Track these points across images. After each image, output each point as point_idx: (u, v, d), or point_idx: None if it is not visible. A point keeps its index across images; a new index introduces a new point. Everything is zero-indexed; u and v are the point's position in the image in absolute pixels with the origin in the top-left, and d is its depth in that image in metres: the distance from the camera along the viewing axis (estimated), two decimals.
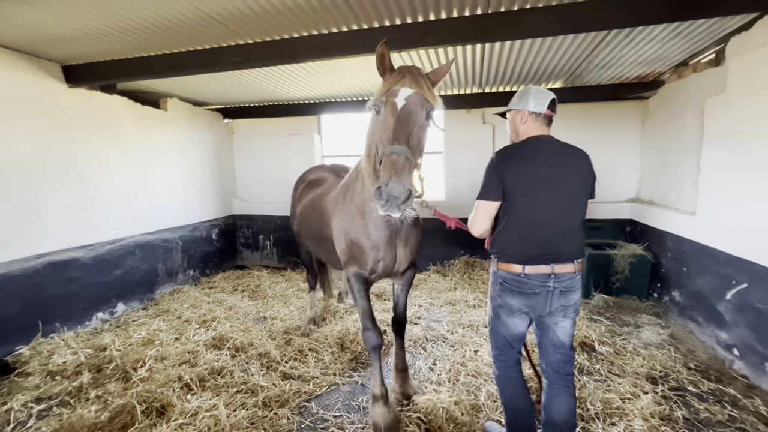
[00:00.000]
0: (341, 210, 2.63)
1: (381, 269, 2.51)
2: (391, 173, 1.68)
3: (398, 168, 1.70)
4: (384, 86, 1.91)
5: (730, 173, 3.27)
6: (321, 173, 3.77)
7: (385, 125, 1.83)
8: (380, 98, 1.89)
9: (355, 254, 2.50)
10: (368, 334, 2.50)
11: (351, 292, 2.65)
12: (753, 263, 2.98)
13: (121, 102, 4.63)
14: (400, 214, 1.73)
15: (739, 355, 3.11)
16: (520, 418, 2.09)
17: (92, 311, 4.22)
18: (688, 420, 2.52)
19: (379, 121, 1.88)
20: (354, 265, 2.53)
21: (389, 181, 1.66)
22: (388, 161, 1.72)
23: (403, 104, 1.84)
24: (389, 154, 1.73)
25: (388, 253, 2.45)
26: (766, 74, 2.89)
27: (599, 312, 4.28)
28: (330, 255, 2.96)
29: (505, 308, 1.99)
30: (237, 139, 6.95)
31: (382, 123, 1.86)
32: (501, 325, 2.05)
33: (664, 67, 4.45)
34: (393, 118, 1.82)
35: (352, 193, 2.55)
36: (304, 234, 3.51)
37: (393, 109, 1.84)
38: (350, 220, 2.51)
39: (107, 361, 3.29)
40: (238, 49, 3.49)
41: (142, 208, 4.90)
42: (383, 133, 1.84)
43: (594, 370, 3.11)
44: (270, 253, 6.87)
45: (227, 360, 3.24)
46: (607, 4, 2.72)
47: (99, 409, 2.58)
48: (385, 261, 2.47)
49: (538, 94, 1.97)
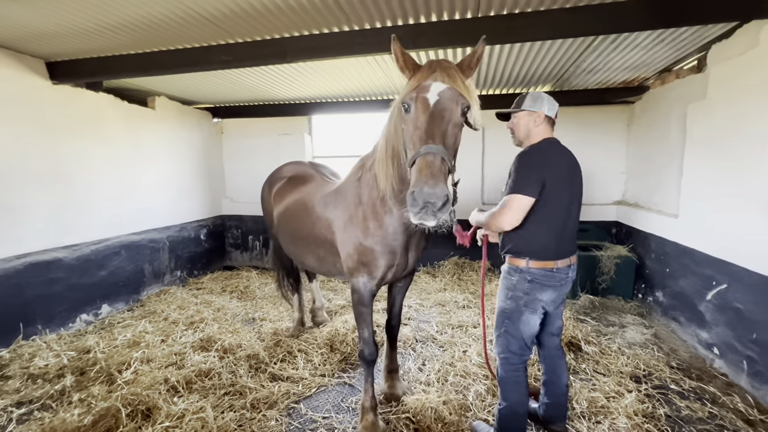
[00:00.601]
0: (347, 211, 2.42)
1: (392, 276, 2.39)
2: (427, 176, 1.49)
3: (435, 171, 1.51)
4: (413, 81, 1.75)
5: (711, 177, 3.36)
6: (301, 169, 3.47)
7: (417, 123, 1.67)
8: (410, 94, 1.72)
9: (365, 260, 2.31)
10: (368, 349, 2.43)
11: (354, 304, 2.42)
12: (732, 264, 3.07)
13: (107, 100, 4.55)
14: (435, 222, 1.54)
15: (719, 354, 3.20)
16: (517, 418, 2.16)
17: (76, 313, 4.13)
18: (669, 417, 2.58)
19: (409, 120, 1.72)
20: (363, 273, 2.33)
21: (425, 186, 1.47)
22: (424, 162, 1.54)
23: (435, 100, 1.68)
24: (423, 153, 1.56)
25: (402, 258, 2.34)
26: (745, 81, 2.98)
27: (585, 312, 4.35)
28: (322, 262, 2.75)
29: (531, 305, 2.06)
30: (226, 139, 6.89)
31: (413, 121, 1.69)
32: (523, 325, 2.08)
33: (649, 72, 4.56)
34: (425, 115, 1.66)
35: (359, 193, 2.37)
36: (287, 237, 3.08)
37: (425, 106, 1.68)
38: (361, 223, 2.31)
39: (91, 363, 3.22)
40: (228, 49, 3.47)
41: (129, 208, 4.82)
42: (414, 131, 1.68)
43: (580, 369, 3.16)
44: (259, 254, 6.82)
45: (215, 362, 3.21)
46: (594, 11, 2.79)
47: (82, 413, 2.52)
48: (398, 267, 2.36)
49: (550, 100, 2.13)
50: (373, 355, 2.45)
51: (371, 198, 2.29)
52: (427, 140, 1.60)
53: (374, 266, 2.31)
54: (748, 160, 2.93)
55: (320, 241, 2.64)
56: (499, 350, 2.18)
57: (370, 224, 2.28)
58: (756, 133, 2.86)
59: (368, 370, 2.48)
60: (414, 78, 1.77)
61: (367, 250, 2.29)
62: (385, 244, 2.27)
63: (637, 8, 2.71)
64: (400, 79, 4.80)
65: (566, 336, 3.59)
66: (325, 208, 2.61)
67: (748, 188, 2.92)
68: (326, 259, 2.67)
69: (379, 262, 2.30)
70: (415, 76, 1.77)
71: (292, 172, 3.47)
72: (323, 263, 2.75)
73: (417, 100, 1.71)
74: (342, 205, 2.47)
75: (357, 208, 2.36)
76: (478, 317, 4.20)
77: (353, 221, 2.36)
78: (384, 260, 2.29)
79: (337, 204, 2.52)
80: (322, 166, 3.56)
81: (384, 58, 4.01)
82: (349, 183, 2.52)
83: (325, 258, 2.68)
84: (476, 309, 4.46)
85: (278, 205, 3.25)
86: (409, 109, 1.73)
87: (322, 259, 2.73)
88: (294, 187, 3.18)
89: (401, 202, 2.09)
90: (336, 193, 2.59)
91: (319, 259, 2.76)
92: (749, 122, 2.93)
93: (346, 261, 2.42)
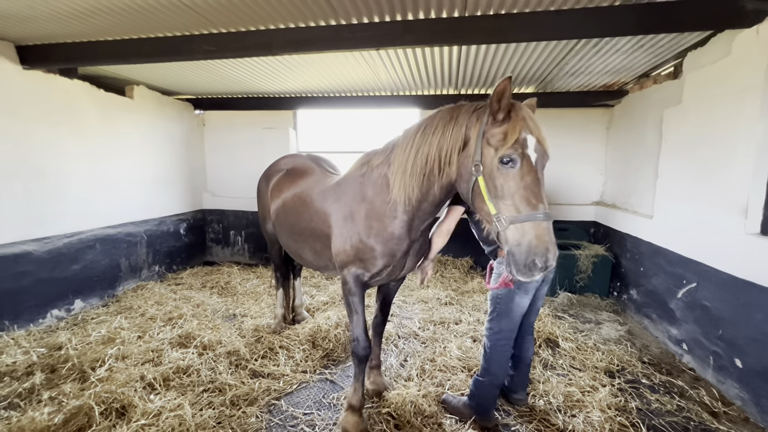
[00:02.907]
0: (347, 206, 2.38)
1: (386, 275, 2.39)
2: (548, 243, 1.60)
3: (553, 239, 1.63)
4: (513, 131, 1.66)
5: (684, 179, 3.49)
6: (300, 161, 3.40)
7: (524, 182, 1.66)
8: (514, 147, 1.66)
9: (363, 257, 2.30)
10: (361, 344, 2.39)
11: (345, 297, 2.42)
12: (701, 263, 3.21)
13: (82, 87, 4.37)
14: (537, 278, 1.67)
15: (688, 350, 3.34)
16: (493, 389, 2.44)
17: (46, 308, 3.97)
18: (640, 410, 2.69)
19: (513, 175, 1.68)
20: (356, 266, 2.33)
21: (549, 254, 1.59)
22: (542, 229, 1.61)
23: (536, 158, 1.68)
24: (542, 219, 1.62)
25: (399, 261, 2.34)
26: (717, 89, 3.11)
27: (563, 309, 4.47)
28: (318, 256, 2.71)
29: (523, 288, 2.28)
30: (209, 132, 6.73)
31: (519, 178, 1.67)
32: (515, 306, 2.32)
33: (628, 77, 4.69)
34: (531, 175, 1.66)
35: (362, 190, 2.33)
36: (284, 231, 3.04)
37: (530, 165, 1.67)
38: (363, 221, 2.28)
39: (63, 360, 3.11)
40: (211, 38, 3.38)
41: (104, 201, 4.66)
42: (522, 190, 1.66)
43: (557, 365, 3.24)
44: (241, 249, 6.71)
45: (194, 358, 3.15)
46: (578, 15, 2.84)
47: (52, 412, 2.43)
48: (394, 269, 2.36)
49: None
50: (366, 350, 2.41)
51: (378, 198, 2.24)
52: (538, 204, 1.64)
53: (371, 264, 2.30)
54: (718, 164, 3.06)
55: (317, 234, 2.60)
56: (492, 329, 2.40)
57: (374, 224, 2.25)
58: (725, 139, 2.99)
59: (360, 366, 2.44)
60: (511, 125, 1.68)
61: (367, 248, 2.26)
62: (387, 246, 2.25)
63: (619, 14, 2.79)
64: (386, 76, 4.79)
65: (544, 333, 3.69)
66: (324, 201, 2.57)
67: (718, 191, 3.05)
68: (323, 253, 2.63)
69: (377, 262, 2.28)
70: (512, 124, 1.67)
71: (291, 164, 3.39)
72: (320, 257, 2.72)
73: (523, 156, 1.66)
74: (342, 199, 2.43)
75: (359, 204, 2.32)
76: (459, 314, 4.25)
77: (354, 217, 2.32)
78: (382, 260, 2.28)
79: (337, 198, 2.47)
80: (321, 159, 3.47)
81: (371, 54, 3.99)
82: (351, 178, 2.47)
83: (322, 252, 2.65)
84: (458, 306, 4.52)
85: (276, 199, 3.18)
86: (513, 164, 1.67)
87: (318, 254, 2.69)
88: (292, 181, 3.12)
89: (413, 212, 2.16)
90: (337, 187, 2.54)
91: (315, 253, 2.73)
92: (720, 128, 3.06)
93: (339, 254, 2.39)
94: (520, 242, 1.64)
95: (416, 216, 2.18)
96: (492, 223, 1.74)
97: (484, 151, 1.76)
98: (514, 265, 1.67)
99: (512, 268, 1.68)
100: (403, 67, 4.46)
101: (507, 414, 2.64)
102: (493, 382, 2.42)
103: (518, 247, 1.65)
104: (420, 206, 2.13)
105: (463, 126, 1.85)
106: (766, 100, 2.65)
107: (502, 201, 1.70)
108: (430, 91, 5.65)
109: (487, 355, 2.43)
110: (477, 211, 1.88)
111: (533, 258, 1.61)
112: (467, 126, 1.84)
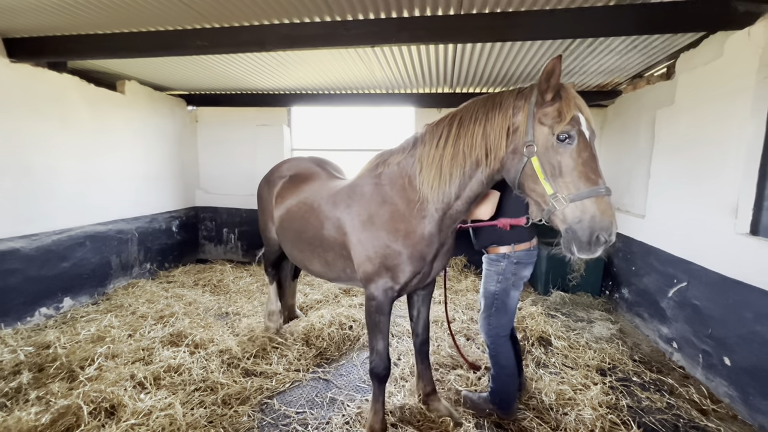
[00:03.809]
0: (365, 210, 2.21)
1: (416, 283, 2.24)
2: (611, 217, 1.60)
3: (615, 214, 1.63)
4: (568, 108, 1.66)
5: (675, 179, 3.52)
6: (304, 165, 3.21)
7: (582, 158, 1.66)
8: (571, 124, 1.66)
9: (390, 264, 2.11)
10: (383, 363, 2.25)
11: (371, 315, 2.21)
12: (691, 263, 3.24)
13: (71, 82, 4.29)
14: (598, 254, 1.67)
15: (678, 348, 3.38)
16: (511, 381, 2.49)
17: (34, 306, 3.91)
18: (631, 408, 2.71)
19: (570, 151, 1.67)
20: (385, 277, 2.14)
21: (612, 228, 1.59)
22: (605, 204, 1.61)
23: (589, 134, 1.68)
24: (605, 194, 1.62)
25: (429, 264, 2.20)
26: (708, 90, 3.13)
27: (556, 308, 4.50)
28: (330, 267, 2.52)
29: (517, 283, 2.40)
30: (201, 128, 6.66)
31: (577, 154, 1.66)
32: (511, 301, 2.43)
33: (622, 77, 4.72)
34: (588, 152, 1.66)
35: (381, 191, 2.19)
36: (290, 240, 2.82)
37: (585, 141, 1.67)
38: (387, 224, 2.12)
39: (51, 359, 3.06)
40: (203, 33, 3.34)
41: (94, 197, 4.59)
42: (581, 166, 1.65)
43: (550, 363, 3.26)
44: (234, 247, 6.66)
45: (185, 357, 3.12)
46: (573, 14, 2.85)
47: (40, 411, 2.39)
48: (424, 274, 2.22)
49: None
50: (387, 370, 2.27)
51: (402, 198, 2.12)
52: (598, 179, 1.64)
53: (399, 271, 2.12)
54: (709, 165, 3.09)
55: (328, 243, 2.42)
56: (490, 327, 2.46)
57: (401, 226, 2.10)
58: (716, 140, 3.02)
59: (380, 387, 2.29)
60: (564, 103, 1.68)
61: (394, 253, 2.10)
62: (416, 249, 2.10)
63: (613, 14, 2.80)
64: (381, 74, 4.77)
65: (537, 331, 3.71)
66: (335, 207, 2.39)
67: (709, 192, 3.08)
68: (335, 263, 2.45)
69: (405, 268, 2.11)
70: (565, 102, 1.68)
71: (294, 169, 3.20)
72: (331, 268, 2.51)
73: (579, 133, 1.67)
74: (358, 203, 2.26)
75: (380, 206, 2.16)
76: (453, 312, 4.26)
77: (375, 221, 2.15)
78: (411, 266, 2.12)
79: (352, 202, 2.30)
80: (326, 162, 3.33)
81: (366, 51, 3.97)
82: (366, 179, 2.31)
83: (333, 262, 2.46)
84: (452, 305, 4.53)
85: (279, 207, 2.99)
86: (570, 141, 1.66)
87: (330, 264, 2.49)
88: (297, 186, 2.93)
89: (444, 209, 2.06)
90: (349, 191, 2.37)
91: (326, 264, 2.52)
92: (711, 129, 3.08)
93: (363, 265, 2.20)
94: (581, 219, 1.63)
95: (448, 214, 2.09)
96: (547, 203, 1.71)
97: (536, 131, 1.73)
98: (576, 242, 1.66)
99: (573, 246, 1.67)
100: (398, 65, 4.44)
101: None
102: (507, 374, 2.48)
103: (579, 223, 1.63)
104: (454, 203, 2.05)
105: (508, 110, 1.80)
106: (756, 101, 2.68)
107: (561, 179, 1.68)
108: (426, 90, 5.64)
109: (493, 351, 2.50)
110: (527, 192, 1.84)
111: (597, 233, 1.61)
112: (514, 109, 1.80)
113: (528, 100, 1.76)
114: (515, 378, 2.52)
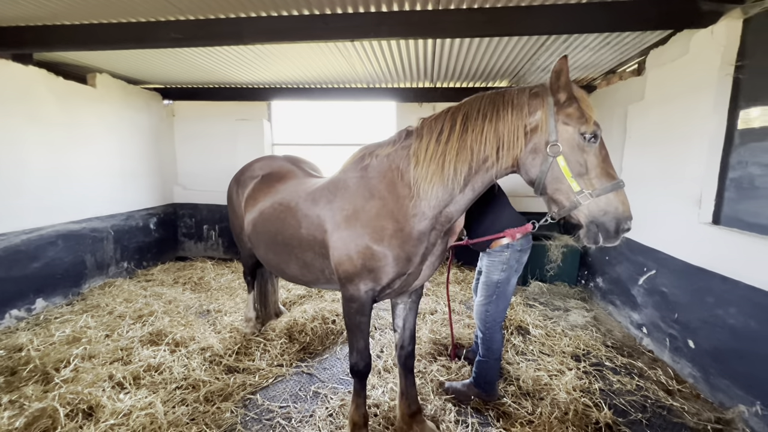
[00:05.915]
0: (349, 205, 2.07)
1: (399, 286, 2.12)
2: (628, 209, 1.73)
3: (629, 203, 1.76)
4: (588, 108, 1.74)
5: (645, 172, 3.67)
6: (277, 164, 3.03)
7: (602, 155, 1.76)
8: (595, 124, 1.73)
9: (372, 266, 1.98)
10: (364, 361, 2.18)
11: (351, 317, 2.12)
12: (659, 252, 3.40)
13: (39, 74, 4.11)
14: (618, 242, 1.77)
15: (647, 333, 3.55)
16: (497, 364, 2.66)
17: (4, 308, 3.76)
18: (603, 391, 2.84)
19: (594, 149, 1.75)
20: (366, 279, 2.02)
21: (629, 219, 1.72)
22: (624, 196, 1.74)
23: (600, 132, 1.76)
24: (623, 186, 1.75)
25: (417, 267, 2.08)
26: (676, 86, 3.27)
27: (534, 298, 4.64)
28: (308, 269, 2.36)
29: (518, 270, 2.54)
30: (179, 123, 6.49)
31: (599, 152, 1.76)
32: (510, 288, 2.56)
33: (596, 73, 4.86)
34: (605, 150, 1.78)
35: (368, 185, 2.05)
36: (264, 243, 2.63)
37: (602, 140, 1.77)
38: (372, 221, 1.98)
39: (24, 362, 2.97)
40: (178, 25, 3.26)
41: (66, 195, 4.43)
42: (602, 163, 1.75)
43: (528, 351, 3.37)
44: (215, 244, 6.56)
45: (166, 356, 3.08)
46: (549, 11, 2.92)
47: (13, 415, 2.32)
48: (410, 277, 2.10)
49: None
50: (368, 367, 2.20)
51: (392, 193, 1.98)
52: (615, 174, 1.76)
53: (382, 272, 2.00)
54: (676, 158, 3.23)
55: (307, 243, 2.26)
56: (489, 311, 2.59)
57: (388, 224, 1.96)
58: (682, 134, 3.16)
59: (360, 384, 2.24)
60: (584, 104, 1.74)
61: (377, 254, 1.97)
62: (403, 250, 1.97)
63: (587, 11, 2.89)
64: (362, 68, 4.76)
65: (516, 321, 3.82)
66: (315, 204, 2.24)
67: (674, 183, 3.23)
68: (313, 264, 2.30)
69: (389, 270, 1.99)
70: (584, 102, 1.74)
71: (267, 169, 3.01)
72: (309, 270, 2.36)
73: (599, 131, 1.75)
74: (341, 197, 2.12)
75: (367, 201, 2.02)
76: (435, 304, 4.34)
77: (360, 217, 2.01)
78: (396, 268, 1.99)
79: (333, 197, 2.16)
80: (301, 160, 3.19)
81: (345, 46, 3.95)
82: (350, 172, 2.17)
83: (311, 263, 2.31)
84: (434, 297, 4.60)
85: (251, 209, 2.80)
86: (595, 140, 1.74)
87: (308, 265, 2.34)
88: (270, 187, 2.76)
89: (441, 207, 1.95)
90: (331, 186, 2.23)
91: (304, 266, 2.36)
92: (678, 124, 3.22)
93: (342, 264, 2.05)
94: (607, 211, 1.73)
95: (443, 213, 1.97)
96: (571, 199, 1.76)
97: (560, 131, 1.75)
98: (603, 233, 1.75)
99: (599, 236, 1.76)
100: (378, 60, 4.44)
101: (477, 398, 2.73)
102: (496, 358, 2.64)
103: (605, 216, 1.73)
104: (451, 201, 1.94)
105: (523, 108, 1.78)
106: (718, 96, 2.81)
107: (587, 176, 1.75)
108: (407, 84, 5.66)
109: (486, 337, 2.62)
110: (549, 192, 1.82)
111: (622, 223, 1.73)
112: (530, 107, 1.78)
113: (545, 100, 1.76)
114: (499, 362, 2.68)
